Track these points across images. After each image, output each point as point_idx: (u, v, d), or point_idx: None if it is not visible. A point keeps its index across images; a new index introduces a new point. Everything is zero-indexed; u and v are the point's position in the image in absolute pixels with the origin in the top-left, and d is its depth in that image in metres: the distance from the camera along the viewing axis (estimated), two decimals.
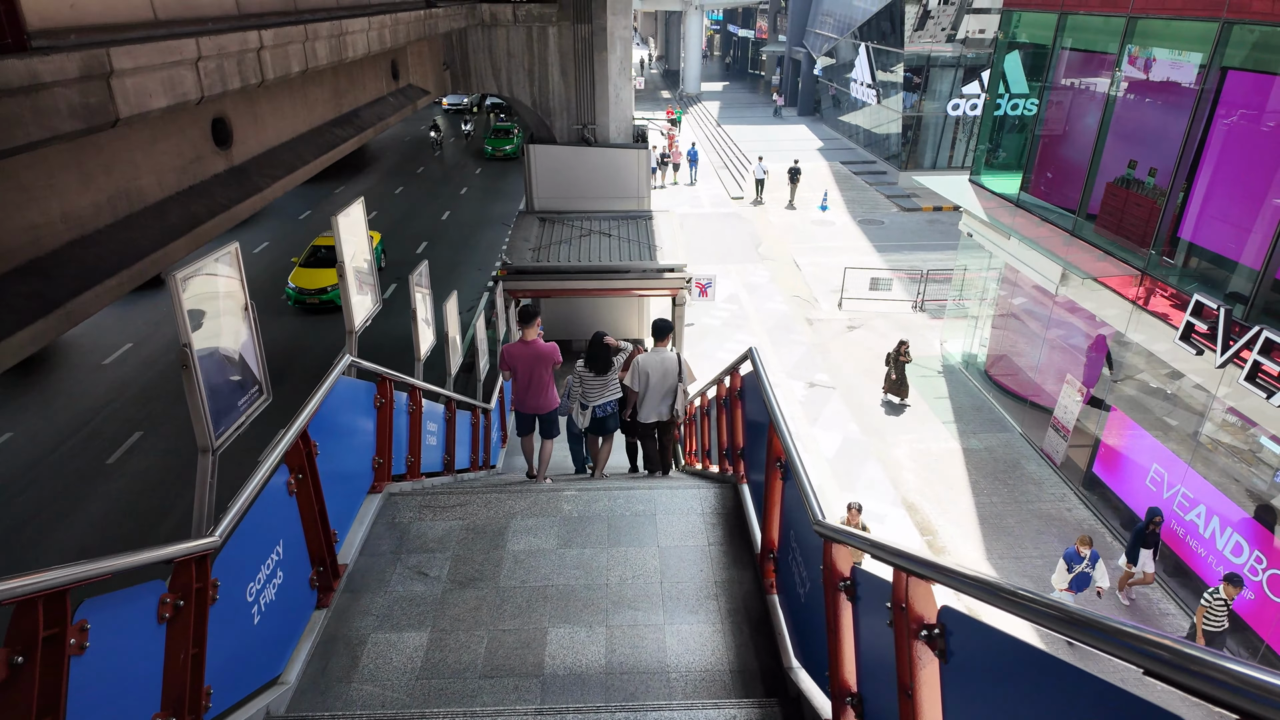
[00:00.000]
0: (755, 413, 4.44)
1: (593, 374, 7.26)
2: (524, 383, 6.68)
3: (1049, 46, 13.60)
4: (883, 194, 30.28)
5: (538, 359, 6.58)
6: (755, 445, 4.47)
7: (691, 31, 53.11)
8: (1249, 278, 9.29)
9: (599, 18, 14.61)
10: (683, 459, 9.39)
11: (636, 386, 6.92)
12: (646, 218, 15.39)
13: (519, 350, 6.59)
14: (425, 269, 6.92)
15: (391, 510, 4.82)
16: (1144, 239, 11.32)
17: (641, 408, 7.04)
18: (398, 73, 12.44)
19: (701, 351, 17.29)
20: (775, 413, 3.74)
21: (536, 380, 6.64)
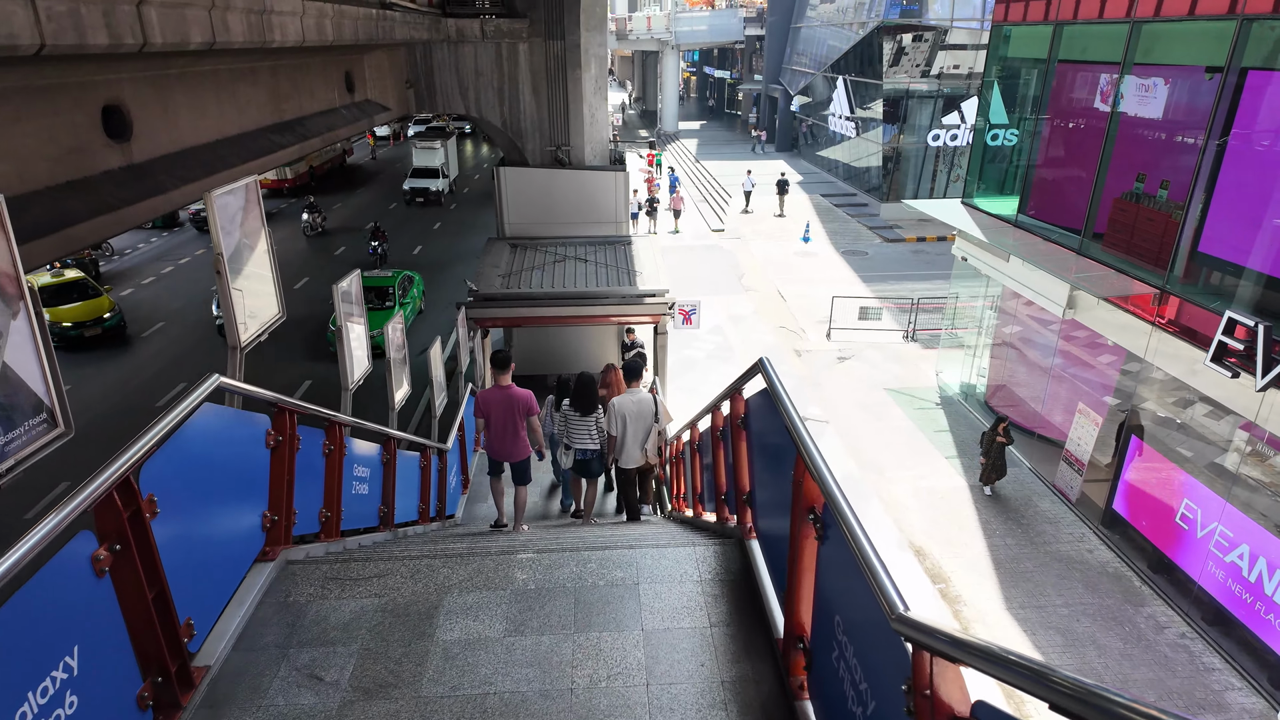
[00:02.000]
0: (770, 445, 3.34)
1: (578, 414, 7.17)
2: (497, 429, 6.43)
3: (1044, 60, 13.01)
4: (865, 225, 29.79)
5: (511, 405, 6.34)
6: (771, 488, 3.36)
7: (668, 70, 53.35)
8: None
9: (572, 34, 13.85)
10: (669, 503, 8.23)
11: (615, 430, 6.80)
12: (625, 243, 14.44)
13: (494, 395, 6.34)
14: (356, 278, 5.78)
15: (286, 584, 3.62)
16: (1159, 255, 10.53)
17: (622, 452, 6.92)
18: (353, 85, 11.48)
19: (685, 385, 16.20)
20: (805, 443, 2.65)
21: (510, 427, 6.39)
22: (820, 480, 2.46)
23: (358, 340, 5.59)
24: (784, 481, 3.06)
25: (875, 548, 2.10)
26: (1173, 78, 10.80)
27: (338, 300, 5.24)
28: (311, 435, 4.32)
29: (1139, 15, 10.38)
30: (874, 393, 16.32)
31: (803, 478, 2.67)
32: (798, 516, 2.76)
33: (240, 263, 3.83)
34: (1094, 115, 12.06)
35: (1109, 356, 13.38)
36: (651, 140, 52.59)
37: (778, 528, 3.22)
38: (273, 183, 33.15)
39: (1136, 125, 11.21)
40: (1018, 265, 13.24)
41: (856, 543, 2.11)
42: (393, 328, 6.31)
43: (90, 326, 17.61)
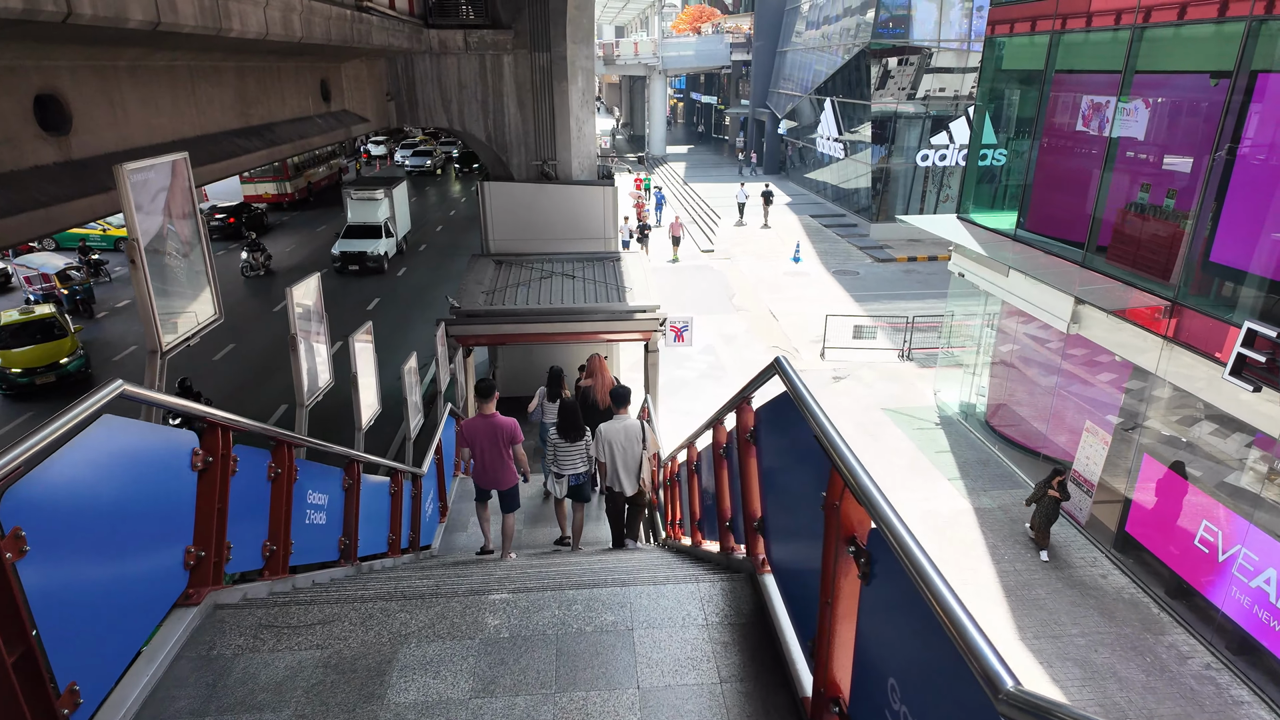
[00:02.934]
0: (789, 461, 2.81)
1: (566, 441, 7.09)
2: (482, 459, 6.36)
3: (1040, 72, 12.77)
4: (855, 245, 29.58)
5: (496, 434, 6.26)
6: (791, 513, 2.82)
7: (656, 94, 53.53)
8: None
9: (558, 46, 13.50)
10: (663, 530, 7.64)
11: (603, 457, 6.81)
12: (614, 259, 13.97)
13: (478, 425, 6.27)
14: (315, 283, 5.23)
15: (211, 635, 3.02)
16: (1167, 267, 10.16)
17: (615, 480, 6.88)
18: (329, 93, 11.02)
19: (676, 406, 15.66)
20: (844, 457, 2.12)
21: (494, 456, 6.31)
22: (868, 502, 1.93)
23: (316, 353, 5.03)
24: (809, 505, 2.52)
25: (957, 595, 1.56)
26: (1176, 85, 10.53)
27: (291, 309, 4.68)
28: (254, 457, 3.74)
29: (1141, 21, 10.11)
30: (871, 413, 15.83)
31: (840, 500, 2.13)
32: (832, 548, 2.22)
33: (163, 253, 3.28)
34: (1095, 126, 11.77)
35: (1113, 374, 12.99)
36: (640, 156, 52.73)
37: (801, 560, 2.67)
38: (273, 197, 34.58)
39: (1140, 134, 10.91)
40: (1018, 280, 12.87)
41: (929, 587, 1.57)
42: (359, 342, 5.75)
43: (43, 373, 15.87)
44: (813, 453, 2.42)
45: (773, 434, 3.09)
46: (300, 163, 35.56)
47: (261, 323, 20.44)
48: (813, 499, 2.45)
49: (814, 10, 37.61)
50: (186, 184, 3.54)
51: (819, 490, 2.36)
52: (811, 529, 2.51)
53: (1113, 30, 10.77)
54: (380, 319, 21.19)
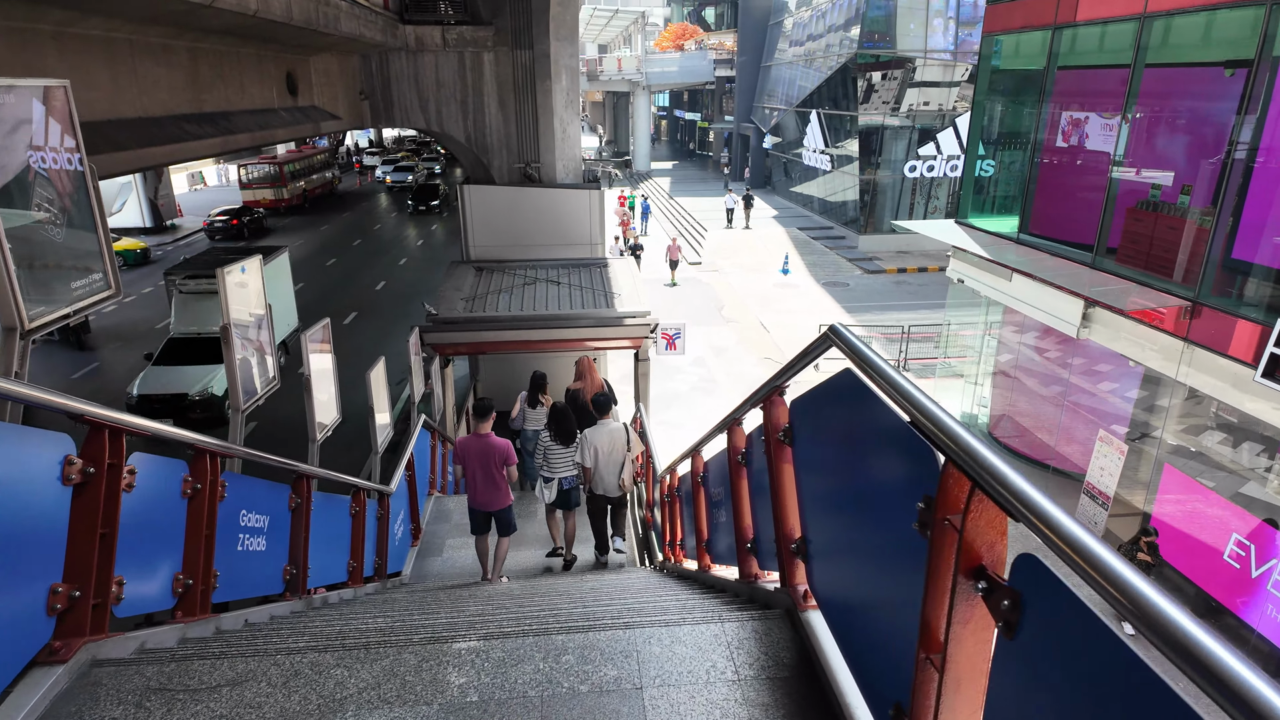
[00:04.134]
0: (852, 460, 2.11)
1: (559, 445, 7.03)
2: (475, 479, 6.19)
3: (1041, 69, 12.36)
4: (844, 257, 29.18)
5: (489, 454, 6.12)
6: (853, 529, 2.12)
7: (640, 110, 53.39)
8: None
9: (541, 43, 12.92)
10: (659, 552, 6.91)
11: (588, 461, 6.85)
12: (601, 265, 13.32)
13: (472, 444, 6.15)
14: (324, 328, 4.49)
15: (80, 702, 2.27)
16: (1184, 266, 9.68)
17: (596, 483, 6.91)
18: (295, 87, 10.33)
19: (668, 420, 14.97)
20: (969, 449, 1.44)
21: (486, 476, 6.15)
22: (1029, 512, 1.25)
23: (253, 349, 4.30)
24: (888, 518, 1.84)
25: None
26: (1188, 78, 10.12)
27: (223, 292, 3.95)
28: (162, 469, 3.00)
29: (1151, 9, 9.68)
30: None
31: (966, 510, 1.45)
32: (943, 581, 1.52)
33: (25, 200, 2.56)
34: (1101, 124, 11.34)
35: (1121, 381, 12.49)
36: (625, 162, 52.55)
37: (873, 595, 1.98)
38: (270, 202, 37.22)
39: (1150, 130, 10.50)
40: (1022, 284, 12.35)
41: (1206, 661, 0.89)
42: (312, 341, 5.01)
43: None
44: (899, 445, 1.74)
45: (821, 428, 2.40)
46: (295, 171, 38.31)
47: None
48: (895, 510, 1.77)
49: (798, 27, 37.58)
50: (68, 121, 2.82)
51: (909, 498, 1.68)
52: (892, 552, 1.83)
53: (1119, 21, 10.35)
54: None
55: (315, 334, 5.08)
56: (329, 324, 5.38)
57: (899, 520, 1.75)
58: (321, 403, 5.29)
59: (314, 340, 5.03)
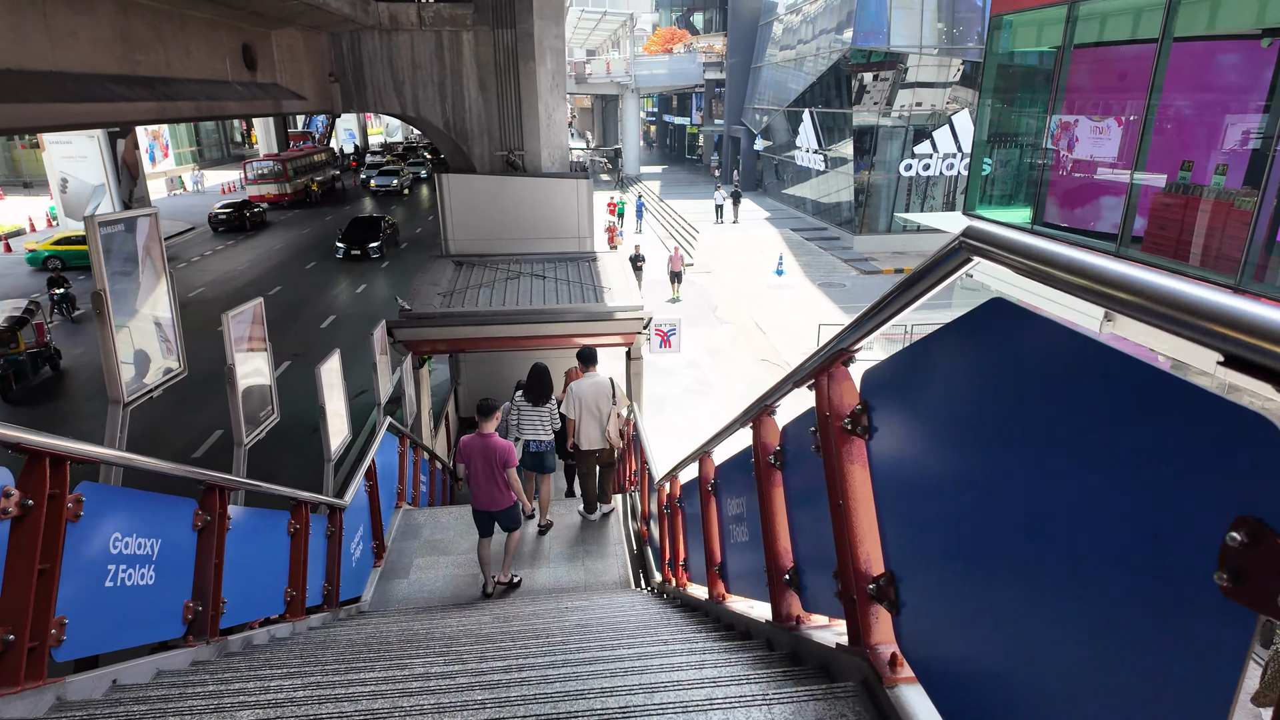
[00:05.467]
0: (1048, 456, 1.20)
1: (529, 404, 7.08)
2: (477, 479, 6.02)
3: (1056, 49, 11.66)
4: (839, 258, 28.49)
5: (489, 455, 5.94)
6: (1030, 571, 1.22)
7: (629, 113, 52.77)
8: None
9: (524, 21, 12.09)
10: (656, 572, 6.03)
11: (572, 413, 6.99)
12: (590, 259, 12.46)
13: (474, 443, 5.99)
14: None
15: None
16: (1221, 251, 8.95)
17: (580, 435, 7.07)
18: (254, 61, 9.44)
19: (662, 423, 14.10)
20: None
21: (488, 477, 5.98)
22: None
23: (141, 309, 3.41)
24: (1100, 549, 0.99)
25: None
26: (1219, 51, 9.43)
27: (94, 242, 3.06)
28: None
29: None
30: None
31: None
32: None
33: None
34: (1124, 104, 10.63)
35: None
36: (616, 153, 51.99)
37: (1074, 684, 1.12)
38: (274, 196, 38.38)
39: (1180, 108, 9.78)
40: None
41: None
42: (235, 316, 4.09)
43: None
44: (1166, 419, 0.90)
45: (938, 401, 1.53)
46: (299, 168, 40.47)
47: None
48: (1144, 542, 0.92)
49: (789, 29, 37.02)
50: None
51: (1194, 522, 0.83)
52: (1133, 612, 0.97)
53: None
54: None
55: (242, 315, 4.18)
56: (261, 304, 4.49)
57: (1153, 559, 0.90)
58: (252, 398, 4.40)
59: (240, 322, 4.12)
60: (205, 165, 57.84)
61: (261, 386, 4.60)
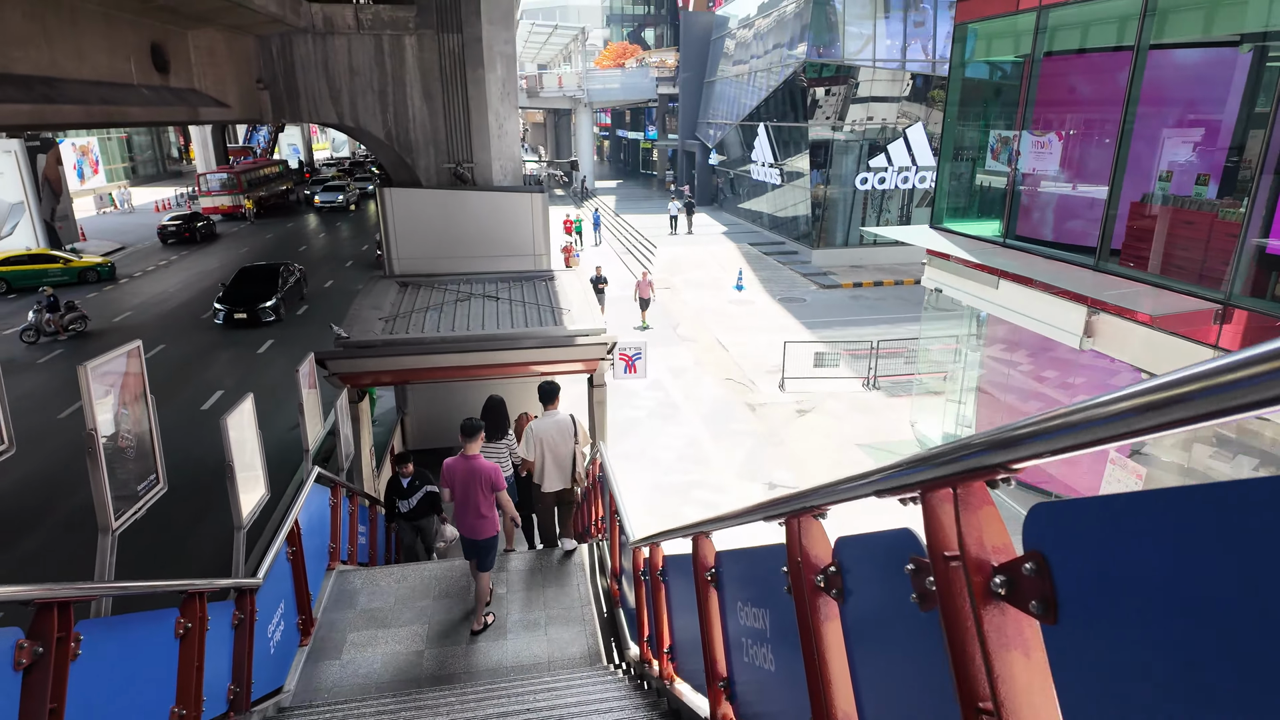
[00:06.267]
0: None
1: (486, 441, 6.91)
2: (460, 504, 5.84)
3: (1024, 58, 11.37)
4: (798, 272, 28.22)
5: (474, 477, 5.74)
6: None
7: (582, 127, 52.20)
8: None
9: (471, 26, 11.29)
10: (631, 644, 5.22)
11: (531, 455, 6.70)
12: (546, 278, 11.65)
13: (458, 466, 5.81)
14: None
15: None
16: (1206, 264, 8.62)
17: (543, 478, 6.78)
18: (165, 63, 8.43)
19: (626, 451, 13.31)
20: None
21: (472, 502, 5.76)
22: None
23: None
24: None
25: None
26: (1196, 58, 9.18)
27: None
28: None
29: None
30: (846, 450, 13.88)
31: None
32: None
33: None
34: (1100, 111, 10.35)
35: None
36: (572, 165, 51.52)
37: None
38: (228, 209, 38.50)
39: (1157, 116, 9.50)
40: (1013, 291, 11.21)
41: None
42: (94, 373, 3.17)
43: None
44: None
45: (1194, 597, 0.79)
46: (252, 181, 40.38)
47: None
48: None
49: (742, 44, 36.94)
50: None
51: None
52: None
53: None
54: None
55: (108, 366, 3.25)
56: (138, 348, 3.57)
57: None
58: (127, 466, 3.48)
59: (105, 375, 3.19)
60: (139, 182, 55.20)
61: (143, 449, 3.67)
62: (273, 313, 20.20)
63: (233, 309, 19.83)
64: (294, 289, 22.07)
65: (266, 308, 20.07)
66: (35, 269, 24.68)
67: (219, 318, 19.87)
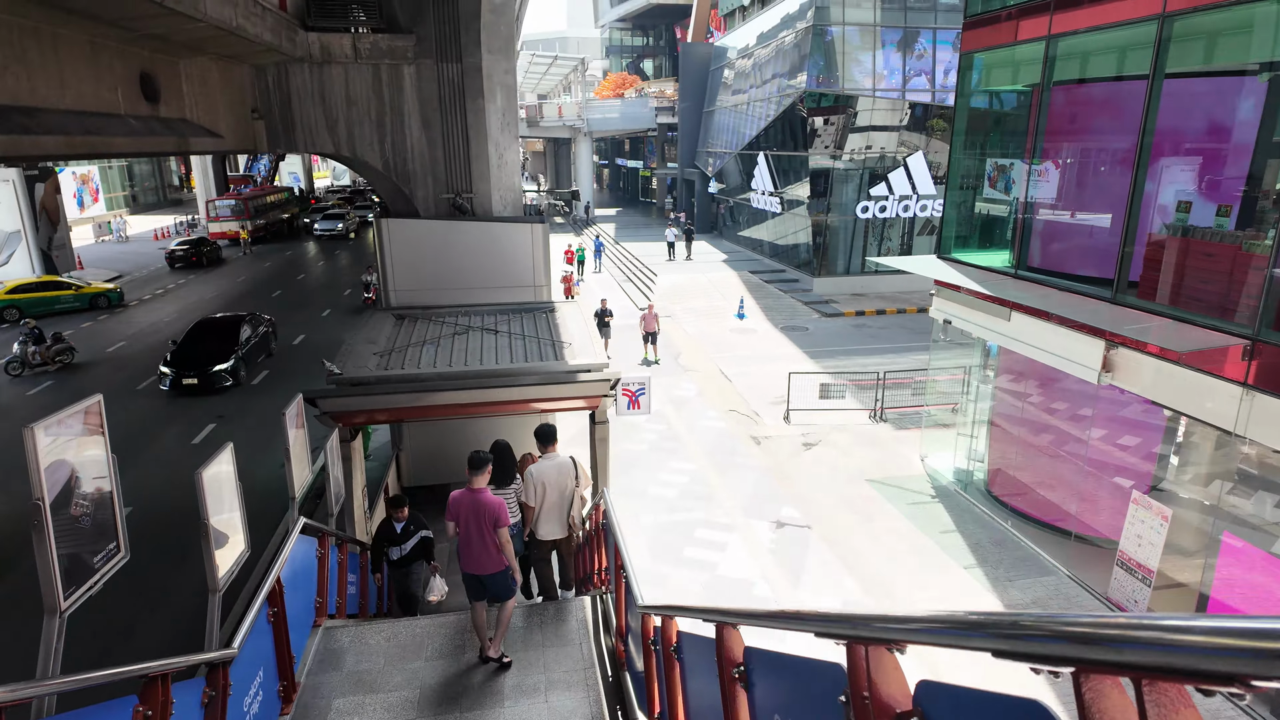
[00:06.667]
0: None
1: (493, 486, 6.55)
2: (465, 538, 5.67)
3: (1032, 88, 11.20)
4: (799, 300, 27.99)
5: (478, 513, 5.57)
6: None
7: (582, 156, 52.45)
8: None
9: (471, 55, 11.12)
10: (639, 713, 4.80)
11: (533, 500, 6.56)
12: (547, 310, 11.34)
13: (464, 499, 5.65)
14: None
15: None
16: (1229, 297, 8.34)
17: (540, 524, 6.67)
18: (156, 93, 8.20)
19: (627, 487, 12.91)
20: None
21: (478, 537, 5.59)
22: None
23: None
24: None
25: None
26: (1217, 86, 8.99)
27: None
28: None
29: (1171, 8, 8.48)
30: (854, 485, 13.47)
31: None
32: None
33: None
34: (1112, 140, 10.15)
35: (1143, 432, 11.09)
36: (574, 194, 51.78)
37: None
38: (234, 234, 39.12)
39: (1175, 145, 9.28)
40: (1025, 324, 10.91)
41: None
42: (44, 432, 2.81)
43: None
44: None
45: None
46: (259, 208, 41.85)
47: None
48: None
49: (741, 73, 37.16)
50: None
51: None
52: None
53: (1131, 25, 9.16)
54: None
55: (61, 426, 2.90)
56: (99, 402, 3.23)
57: None
58: (80, 536, 3.11)
59: (56, 435, 2.85)
60: (139, 210, 55.23)
61: (101, 516, 3.30)
62: (229, 376, 17.06)
63: (181, 373, 16.64)
64: (259, 345, 19.13)
65: (222, 371, 16.92)
66: (48, 295, 25.23)
67: (165, 383, 16.74)
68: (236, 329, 18.26)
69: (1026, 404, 12.54)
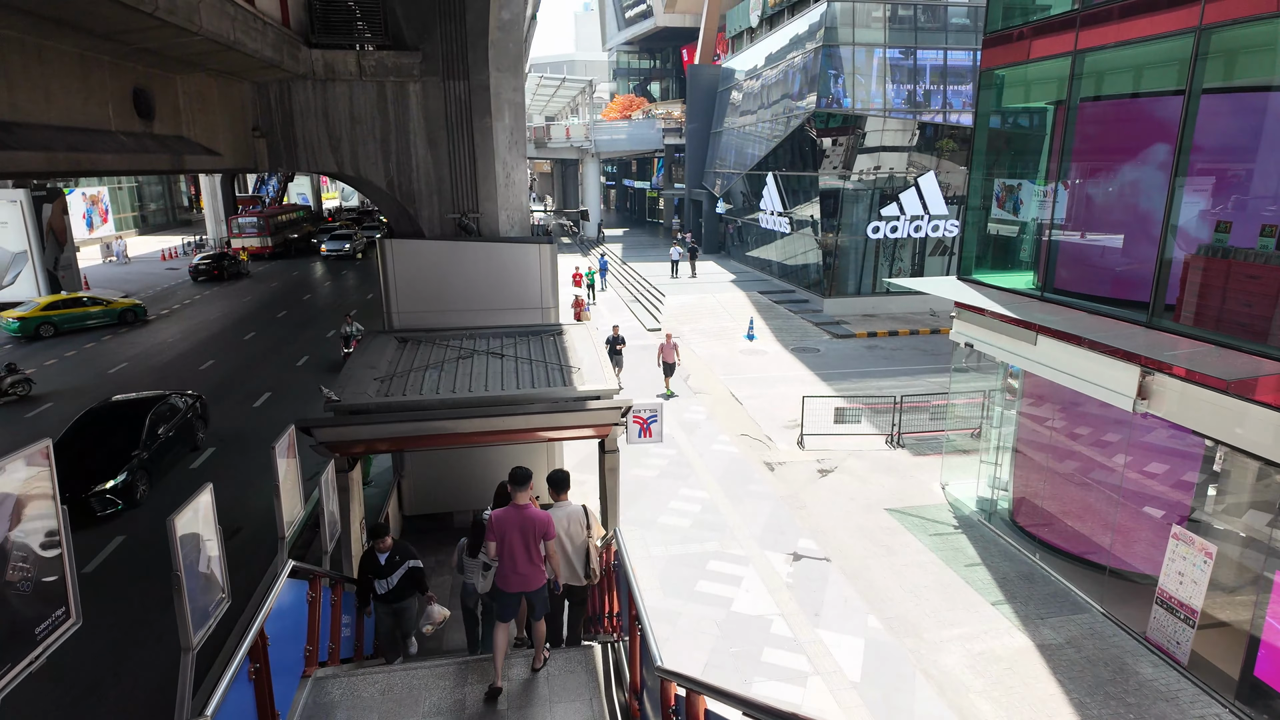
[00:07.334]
0: None
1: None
2: (509, 556, 5.59)
3: (1056, 104, 10.85)
4: (810, 321, 27.58)
5: (528, 528, 5.53)
6: None
7: (589, 177, 52.48)
8: None
9: (478, 73, 10.85)
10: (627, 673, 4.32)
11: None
12: (555, 333, 10.96)
13: (510, 516, 5.58)
14: None
15: None
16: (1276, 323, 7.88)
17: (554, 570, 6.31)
18: (150, 109, 7.90)
19: (636, 517, 12.43)
20: None
21: (522, 552, 5.56)
22: None
23: None
24: None
25: None
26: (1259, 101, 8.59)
27: None
28: None
29: (1209, 20, 8.12)
30: (873, 514, 12.95)
31: None
32: None
33: None
34: (1144, 160, 9.75)
35: (1175, 459, 10.58)
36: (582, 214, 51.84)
37: None
38: (255, 249, 42.16)
39: (1209, 164, 8.88)
40: (1052, 348, 10.46)
41: None
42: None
43: None
44: None
45: None
46: (279, 224, 44.52)
47: None
48: None
49: (750, 94, 37.09)
50: None
51: None
52: None
53: (1163, 39, 8.81)
54: None
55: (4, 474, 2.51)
56: (48, 447, 2.83)
57: None
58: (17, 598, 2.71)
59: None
60: (148, 231, 55.43)
61: (43, 578, 2.89)
62: (120, 498, 12.00)
63: (79, 491, 11.68)
64: (176, 438, 13.96)
65: (105, 494, 11.84)
66: (80, 311, 26.09)
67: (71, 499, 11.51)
68: (141, 421, 13.16)
69: (1052, 430, 12.05)
